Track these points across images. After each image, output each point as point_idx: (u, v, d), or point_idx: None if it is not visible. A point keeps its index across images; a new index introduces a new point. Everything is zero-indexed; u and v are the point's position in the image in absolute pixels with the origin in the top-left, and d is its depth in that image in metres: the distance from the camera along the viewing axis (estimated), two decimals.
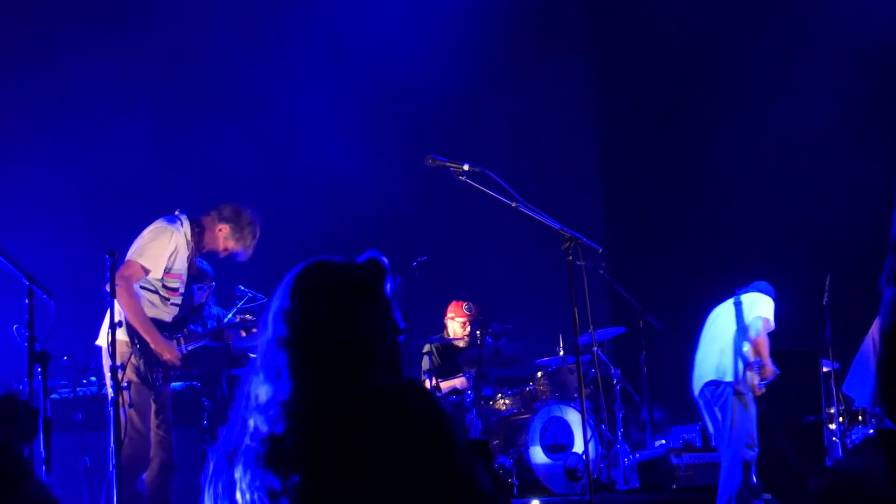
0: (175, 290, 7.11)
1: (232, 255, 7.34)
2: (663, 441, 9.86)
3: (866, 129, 10.88)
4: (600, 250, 6.17)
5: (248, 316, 7.70)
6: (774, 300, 8.70)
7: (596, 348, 8.88)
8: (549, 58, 12.56)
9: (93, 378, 7.61)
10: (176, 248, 7.02)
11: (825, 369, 9.91)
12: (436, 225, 10.92)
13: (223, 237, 7.23)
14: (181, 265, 7.10)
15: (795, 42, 11.73)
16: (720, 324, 8.68)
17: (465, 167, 6.07)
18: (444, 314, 9.92)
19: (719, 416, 8.28)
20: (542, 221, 6.01)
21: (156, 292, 7.02)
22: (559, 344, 9.59)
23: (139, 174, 10.24)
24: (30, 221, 9.50)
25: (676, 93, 12.37)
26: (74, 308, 7.21)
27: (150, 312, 6.95)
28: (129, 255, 6.93)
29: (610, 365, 9.85)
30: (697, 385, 8.45)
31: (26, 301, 5.96)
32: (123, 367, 6.56)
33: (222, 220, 7.24)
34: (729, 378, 8.30)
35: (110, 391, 6.25)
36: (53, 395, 7.54)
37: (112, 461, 5.97)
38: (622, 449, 9.33)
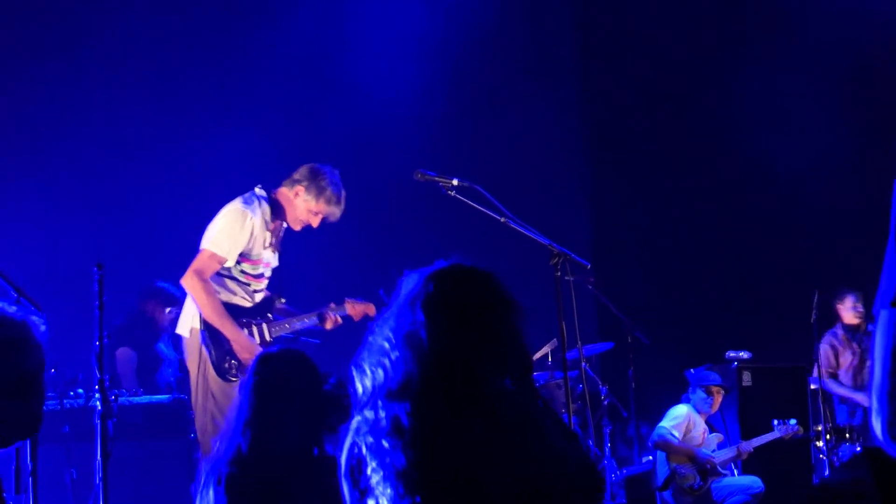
0: (258, 276, 6.93)
1: (324, 222, 7.01)
2: (650, 457, 9.87)
3: (856, 148, 10.91)
4: (588, 266, 6.18)
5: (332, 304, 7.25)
6: (713, 383, 9.50)
7: (584, 364, 8.88)
8: (537, 73, 12.56)
9: (80, 390, 7.58)
10: (252, 232, 6.77)
11: (813, 386, 9.93)
12: (423, 240, 10.89)
13: (302, 199, 6.89)
14: (257, 249, 6.85)
15: (786, 60, 11.75)
16: None
17: (455, 182, 6.07)
18: None
19: None
20: (530, 237, 6.02)
21: (233, 278, 6.85)
22: (547, 359, 9.58)
23: (131, 185, 10.21)
24: (18, 233, 9.46)
25: (664, 106, 12.39)
26: (62, 321, 7.17)
27: (228, 298, 6.79)
28: (203, 243, 6.76)
29: (598, 380, 9.85)
30: None
31: None
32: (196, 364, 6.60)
33: (296, 182, 6.91)
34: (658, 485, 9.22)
35: (99, 404, 6.20)
36: None
37: (98, 474, 5.96)
38: (609, 464, 9.34)
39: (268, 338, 6.89)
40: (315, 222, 7.03)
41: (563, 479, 2.97)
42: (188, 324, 6.81)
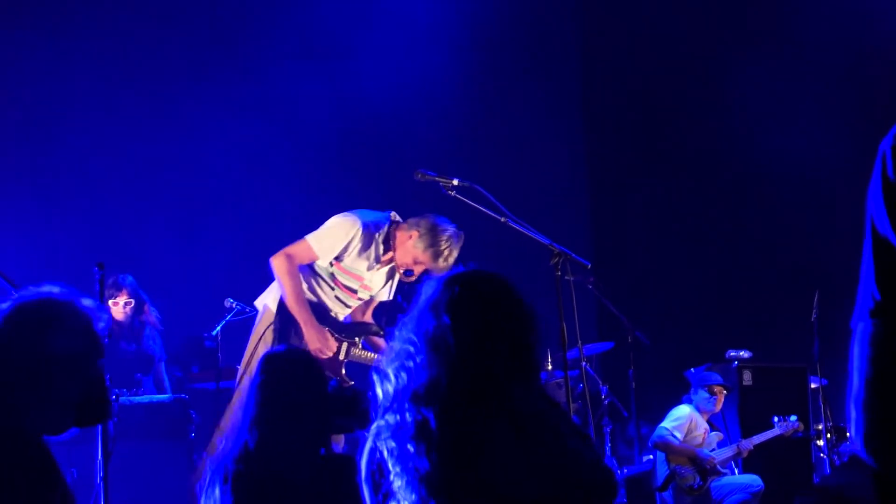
0: (348, 288, 6.87)
1: (426, 272, 6.80)
2: (651, 456, 9.87)
3: (856, 148, 10.88)
4: (589, 266, 6.18)
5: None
6: (716, 383, 9.54)
7: (584, 363, 8.88)
8: (538, 73, 12.57)
9: None
10: (350, 242, 6.70)
11: (813, 386, 9.93)
12: None
13: (413, 244, 6.73)
14: (355, 264, 6.78)
15: (786, 60, 11.75)
16: None
17: (455, 182, 6.08)
18: None
19: None
20: (530, 237, 6.02)
21: (321, 277, 6.83)
22: (547, 359, 9.58)
23: (131, 185, 10.20)
24: (18, 233, 9.45)
25: (665, 106, 12.40)
26: None
27: (308, 294, 6.77)
28: (309, 234, 6.76)
29: (598, 380, 9.85)
30: None
31: None
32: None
33: (414, 226, 6.75)
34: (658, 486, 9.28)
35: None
36: None
37: (99, 474, 5.95)
38: (610, 464, 9.34)
39: (342, 357, 6.83)
40: (416, 270, 6.87)
41: (581, 482, 2.98)
42: (264, 300, 6.86)
